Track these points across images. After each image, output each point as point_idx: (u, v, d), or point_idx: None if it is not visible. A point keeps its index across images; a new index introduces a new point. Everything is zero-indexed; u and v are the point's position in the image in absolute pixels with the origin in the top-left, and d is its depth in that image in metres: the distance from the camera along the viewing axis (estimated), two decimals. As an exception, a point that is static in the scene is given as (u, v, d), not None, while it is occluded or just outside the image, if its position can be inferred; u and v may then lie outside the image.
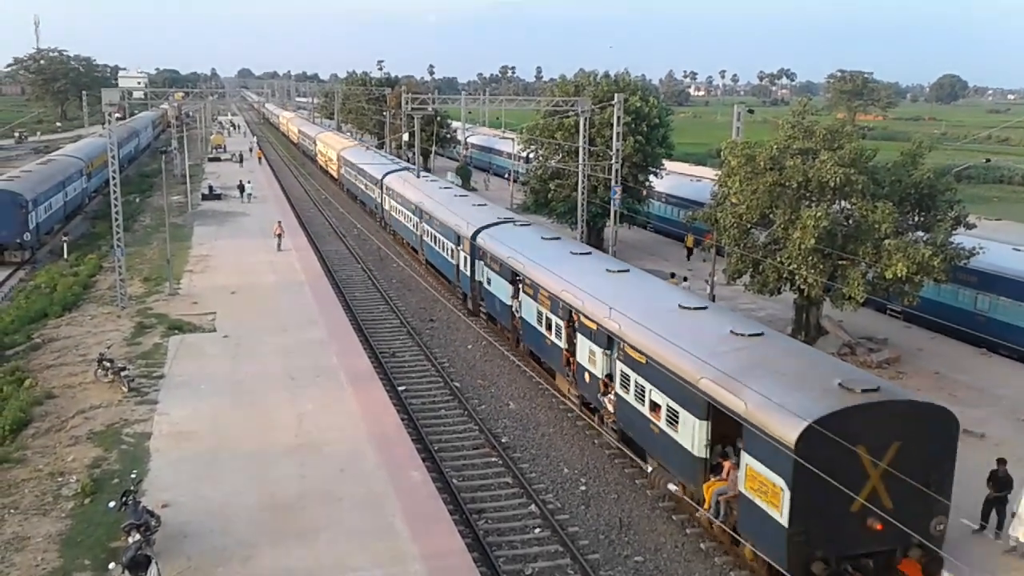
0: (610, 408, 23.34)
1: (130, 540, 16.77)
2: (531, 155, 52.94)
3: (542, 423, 25.93)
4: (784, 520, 16.15)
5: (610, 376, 23.33)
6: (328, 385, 26.90)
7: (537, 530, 19.88)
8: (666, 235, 52.74)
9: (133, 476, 20.32)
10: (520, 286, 30.29)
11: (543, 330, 27.91)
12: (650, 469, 21.88)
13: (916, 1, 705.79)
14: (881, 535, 16.26)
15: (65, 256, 49.52)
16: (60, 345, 31.83)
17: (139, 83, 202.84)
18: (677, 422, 19.51)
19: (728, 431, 18.44)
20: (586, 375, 24.75)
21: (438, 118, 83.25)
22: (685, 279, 37.88)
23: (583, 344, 24.73)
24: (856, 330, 31.70)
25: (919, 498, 16.15)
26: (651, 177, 48.68)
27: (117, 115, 42.54)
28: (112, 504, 18.13)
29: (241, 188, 67.88)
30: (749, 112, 38.77)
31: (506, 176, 74.91)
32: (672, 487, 20.57)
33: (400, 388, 28.36)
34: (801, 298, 30.38)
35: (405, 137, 70.41)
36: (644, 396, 21.06)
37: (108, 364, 27.09)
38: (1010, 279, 31.02)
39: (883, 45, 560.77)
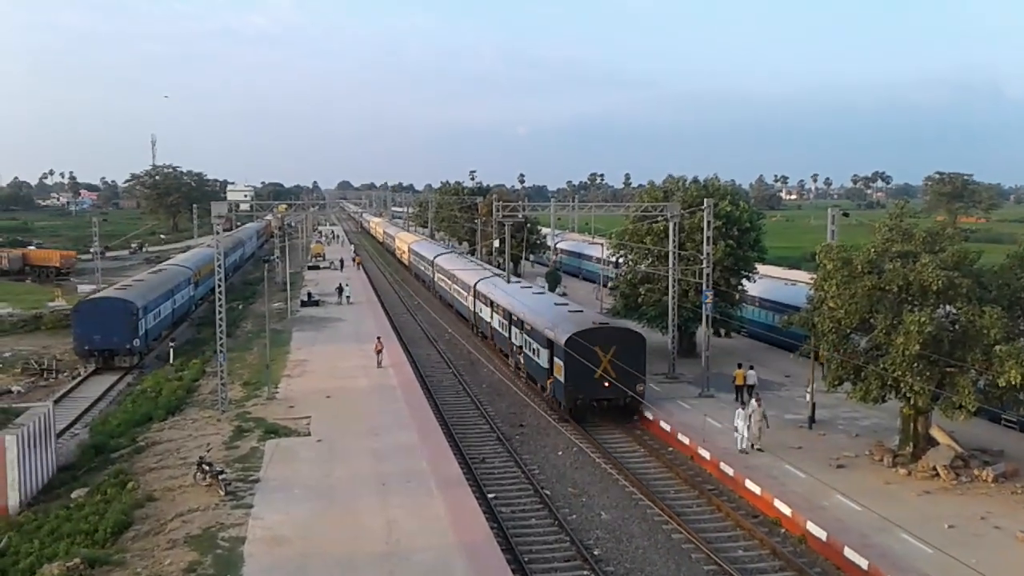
0: (522, 361, 42.54)
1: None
2: (620, 260, 53.03)
3: (636, 535, 25.12)
4: (563, 379, 34.97)
5: (521, 345, 42.57)
6: (418, 491, 26.82)
7: (632, 650, 19.06)
8: (761, 340, 51.47)
9: (226, 581, 20.45)
10: (493, 309, 50.21)
11: (502, 331, 47.79)
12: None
13: (1015, 102, 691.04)
14: (611, 390, 34.41)
15: (171, 361, 51.59)
16: (162, 448, 32.82)
17: (246, 196, 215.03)
18: (539, 354, 38.51)
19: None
20: (514, 348, 44.38)
21: (528, 225, 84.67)
22: (752, 368, 37.89)
23: (514, 331, 44.29)
24: (968, 441, 29.94)
25: (628, 374, 34.18)
26: (744, 281, 48.01)
27: (224, 226, 44.82)
28: (205, 609, 18.22)
29: (340, 290, 71.54)
30: (844, 215, 38.32)
31: (599, 283, 73.91)
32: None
33: (490, 495, 28.04)
34: (908, 407, 29.04)
35: (496, 244, 71.82)
36: (531, 347, 40.38)
37: (207, 468, 27.69)
38: None
39: (982, 146, 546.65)
